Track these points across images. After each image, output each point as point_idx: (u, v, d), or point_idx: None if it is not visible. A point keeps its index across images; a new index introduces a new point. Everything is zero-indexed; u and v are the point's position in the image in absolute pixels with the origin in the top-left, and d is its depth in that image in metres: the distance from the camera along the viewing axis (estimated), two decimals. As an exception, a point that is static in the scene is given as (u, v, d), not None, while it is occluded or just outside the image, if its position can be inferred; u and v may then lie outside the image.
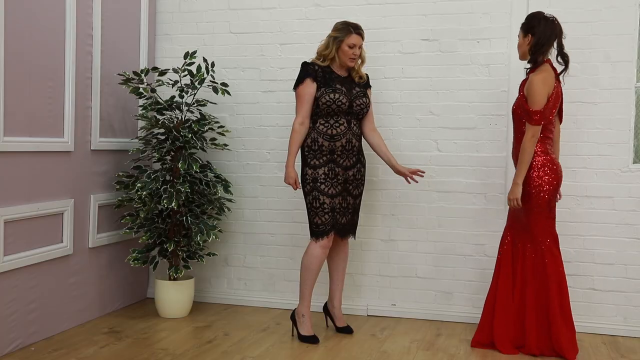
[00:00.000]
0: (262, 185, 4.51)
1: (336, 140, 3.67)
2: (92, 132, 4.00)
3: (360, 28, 3.68)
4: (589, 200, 4.00)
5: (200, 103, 4.22)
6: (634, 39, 3.92)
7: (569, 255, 4.02)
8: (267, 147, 4.49)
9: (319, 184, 3.65)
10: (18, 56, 3.39)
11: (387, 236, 4.31)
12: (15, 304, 3.43)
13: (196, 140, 4.08)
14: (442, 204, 4.20)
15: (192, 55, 4.15)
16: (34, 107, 3.53)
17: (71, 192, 3.84)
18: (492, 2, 4.07)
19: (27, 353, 3.41)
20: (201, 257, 4.22)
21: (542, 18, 3.51)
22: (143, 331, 3.86)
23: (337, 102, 3.63)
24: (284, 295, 4.46)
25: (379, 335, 3.88)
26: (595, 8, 3.95)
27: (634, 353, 3.62)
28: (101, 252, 4.15)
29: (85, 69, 3.91)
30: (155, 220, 4.13)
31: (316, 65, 3.70)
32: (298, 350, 3.57)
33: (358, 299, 4.35)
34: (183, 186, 3.98)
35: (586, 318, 3.99)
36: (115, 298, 4.30)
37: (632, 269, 3.95)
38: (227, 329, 3.95)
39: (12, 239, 3.39)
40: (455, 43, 4.16)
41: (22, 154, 3.45)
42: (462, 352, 3.57)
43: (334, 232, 3.70)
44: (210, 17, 4.56)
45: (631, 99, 3.94)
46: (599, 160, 3.98)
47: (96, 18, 3.98)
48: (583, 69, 3.98)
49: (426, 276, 4.25)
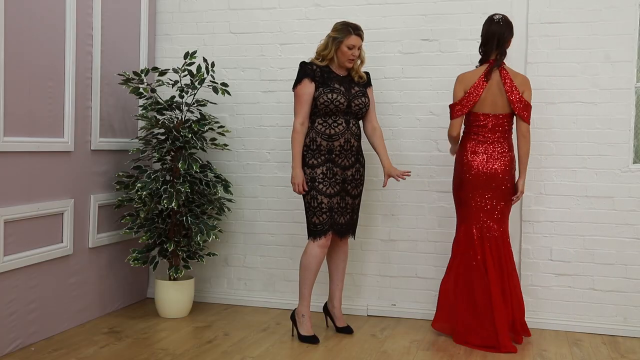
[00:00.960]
0: (262, 185, 4.51)
1: (334, 140, 3.66)
2: (92, 132, 4.00)
3: (359, 29, 3.67)
4: (589, 200, 4.00)
5: (200, 103, 4.22)
6: (634, 39, 3.92)
7: (569, 255, 4.02)
8: (267, 147, 4.49)
9: (317, 184, 3.65)
10: (18, 56, 3.39)
11: (387, 236, 4.31)
12: (15, 304, 3.43)
13: (196, 140, 4.08)
14: (442, 204, 4.20)
15: (192, 55, 4.15)
16: (34, 107, 3.53)
17: (71, 192, 3.85)
18: (492, 2, 4.07)
19: (27, 353, 3.41)
20: (201, 257, 4.22)
21: (487, 21, 3.70)
22: (143, 331, 3.86)
23: (335, 102, 3.63)
24: (284, 295, 4.46)
25: (379, 335, 3.88)
26: (595, 8, 3.95)
27: (634, 353, 3.62)
28: (101, 252, 4.15)
29: (85, 69, 3.92)
30: (155, 220, 4.13)
31: (314, 65, 3.70)
32: (298, 350, 3.58)
33: (358, 299, 4.35)
34: (183, 186, 3.98)
35: (586, 318, 4.00)
36: (115, 298, 4.30)
37: (632, 269, 3.95)
38: (227, 329, 3.95)
39: (12, 239, 3.39)
40: (455, 43, 4.16)
41: (22, 154, 3.45)
42: (462, 352, 3.56)
43: (333, 232, 3.70)
44: (210, 17, 4.56)
45: (631, 99, 3.94)
46: (599, 160, 3.98)
47: (96, 18, 3.98)
48: (583, 69, 3.98)
49: (426, 276, 4.25)
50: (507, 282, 3.67)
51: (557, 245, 4.04)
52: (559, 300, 4.05)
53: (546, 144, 4.04)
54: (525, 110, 3.65)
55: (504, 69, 3.66)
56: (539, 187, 4.06)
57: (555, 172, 4.04)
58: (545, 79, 4.03)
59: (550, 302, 4.06)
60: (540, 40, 4.03)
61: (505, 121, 3.68)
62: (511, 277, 3.70)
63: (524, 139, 3.68)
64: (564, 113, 4.02)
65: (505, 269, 3.67)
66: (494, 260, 3.66)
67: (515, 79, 3.65)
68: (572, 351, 3.63)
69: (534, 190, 4.06)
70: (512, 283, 3.70)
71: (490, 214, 3.69)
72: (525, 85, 3.68)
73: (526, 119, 3.66)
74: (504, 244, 3.70)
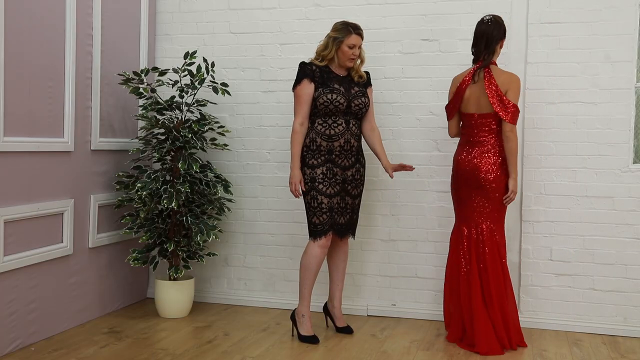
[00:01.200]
0: (262, 185, 4.51)
1: (334, 140, 3.66)
2: (92, 132, 4.00)
3: (359, 28, 3.68)
4: (589, 200, 4.00)
5: (200, 103, 4.22)
6: (634, 39, 3.92)
7: (569, 255, 4.02)
8: (267, 147, 4.49)
9: (317, 184, 3.65)
10: (18, 56, 3.39)
11: (387, 236, 4.31)
12: (15, 304, 3.43)
13: (196, 140, 4.08)
14: (442, 204, 4.20)
15: (192, 55, 4.15)
16: (34, 107, 3.53)
17: (71, 192, 3.85)
18: (492, 2, 4.07)
19: (27, 353, 3.41)
20: (201, 257, 4.22)
21: (478, 22, 3.70)
22: (143, 331, 3.86)
23: (334, 102, 3.63)
24: (284, 295, 4.46)
25: (379, 335, 3.88)
26: (595, 8, 3.95)
27: (634, 353, 3.62)
28: (101, 252, 4.15)
29: (85, 69, 3.92)
30: (155, 220, 4.13)
31: (314, 65, 3.69)
32: (298, 350, 3.58)
33: (358, 299, 4.35)
34: (183, 186, 3.98)
35: (586, 318, 4.00)
36: (115, 298, 4.30)
37: (632, 269, 3.95)
38: (227, 329, 3.95)
39: (12, 239, 3.39)
40: (455, 43, 4.16)
41: (22, 154, 3.45)
42: (462, 352, 3.56)
43: (333, 232, 3.70)
44: (210, 17, 4.56)
45: (631, 99, 3.94)
46: (599, 160, 3.98)
47: (96, 18, 3.99)
48: (583, 69, 3.98)
49: (426, 276, 4.25)
50: (493, 285, 3.56)
51: (557, 245, 4.04)
52: (559, 300, 4.05)
53: (546, 144, 4.04)
54: (505, 110, 3.55)
55: (489, 68, 3.62)
56: (539, 187, 4.06)
57: (555, 172, 4.04)
58: (545, 79, 4.03)
59: (550, 302, 4.06)
60: (540, 40, 4.03)
61: (491, 121, 3.61)
62: (498, 279, 3.59)
63: (506, 138, 3.57)
64: (564, 113, 4.02)
65: (491, 271, 3.58)
66: (479, 261, 3.63)
67: (498, 78, 3.58)
68: (572, 351, 3.63)
69: (534, 190, 4.06)
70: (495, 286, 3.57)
71: (478, 214, 3.67)
72: (509, 85, 3.57)
73: (507, 119, 3.55)
74: (492, 246, 3.61)
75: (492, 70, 3.62)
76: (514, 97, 3.57)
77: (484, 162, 3.62)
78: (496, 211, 3.67)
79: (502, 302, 3.59)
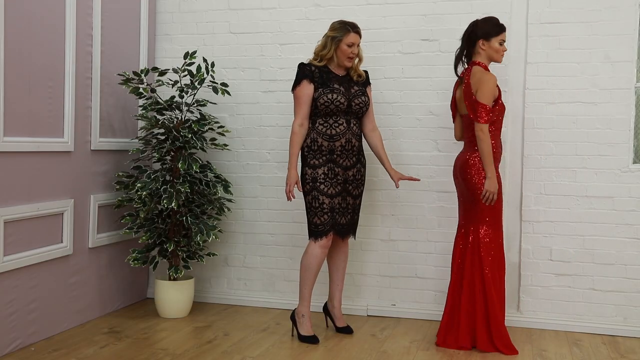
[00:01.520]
0: (262, 185, 4.51)
1: (335, 140, 3.66)
2: (92, 132, 4.00)
3: (357, 26, 3.68)
4: (588, 200, 4.00)
5: (200, 103, 4.22)
6: (634, 39, 3.92)
7: (569, 255, 4.02)
8: (267, 147, 4.49)
9: (319, 184, 3.65)
10: (18, 56, 3.39)
11: (387, 236, 4.31)
12: (15, 304, 3.43)
13: (196, 140, 4.08)
14: (442, 204, 4.20)
15: (192, 55, 4.15)
16: (34, 107, 3.53)
17: (71, 192, 3.85)
18: (492, 2, 4.07)
19: (27, 353, 3.41)
20: (201, 257, 4.22)
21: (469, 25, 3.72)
22: (143, 331, 3.86)
23: (335, 102, 3.63)
24: (284, 295, 4.46)
25: (379, 335, 3.88)
26: (595, 8, 3.95)
27: (634, 353, 3.62)
28: (101, 252, 4.15)
29: (85, 69, 3.91)
30: (155, 220, 4.13)
31: (313, 65, 3.69)
32: (298, 350, 3.58)
33: (358, 299, 4.35)
34: (183, 186, 3.98)
35: (586, 318, 4.00)
36: (115, 298, 4.30)
37: (632, 269, 3.95)
38: (227, 329, 3.95)
39: (12, 239, 3.39)
40: (455, 43, 4.15)
41: (22, 154, 3.45)
42: (462, 352, 3.56)
43: (334, 232, 3.70)
44: (210, 17, 4.56)
45: (631, 99, 3.94)
46: (598, 160, 3.98)
47: (96, 18, 3.98)
48: (583, 69, 3.98)
49: (426, 276, 4.25)
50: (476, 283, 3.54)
51: (557, 245, 4.04)
52: (559, 300, 4.05)
53: (546, 144, 4.05)
54: (472, 109, 3.52)
55: (470, 69, 3.61)
56: (539, 187, 4.06)
57: (555, 172, 4.04)
58: (545, 79, 4.03)
59: (550, 302, 4.06)
60: (540, 40, 4.03)
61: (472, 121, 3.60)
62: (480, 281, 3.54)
63: (477, 138, 3.51)
64: (564, 113, 4.02)
65: (476, 270, 3.55)
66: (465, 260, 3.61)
67: (472, 78, 3.56)
68: (572, 351, 3.63)
69: (534, 190, 4.07)
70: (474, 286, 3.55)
71: (465, 214, 3.69)
72: (478, 84, 3.51)
73: (475, 118, 3.49)
74: (477, 245, 3.56)
75: (471, 70, 3.60)
76: (481, 95, 3.49)
77: (462, 162, 3.63)
78: (480, 212, 3.58)
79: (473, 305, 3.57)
